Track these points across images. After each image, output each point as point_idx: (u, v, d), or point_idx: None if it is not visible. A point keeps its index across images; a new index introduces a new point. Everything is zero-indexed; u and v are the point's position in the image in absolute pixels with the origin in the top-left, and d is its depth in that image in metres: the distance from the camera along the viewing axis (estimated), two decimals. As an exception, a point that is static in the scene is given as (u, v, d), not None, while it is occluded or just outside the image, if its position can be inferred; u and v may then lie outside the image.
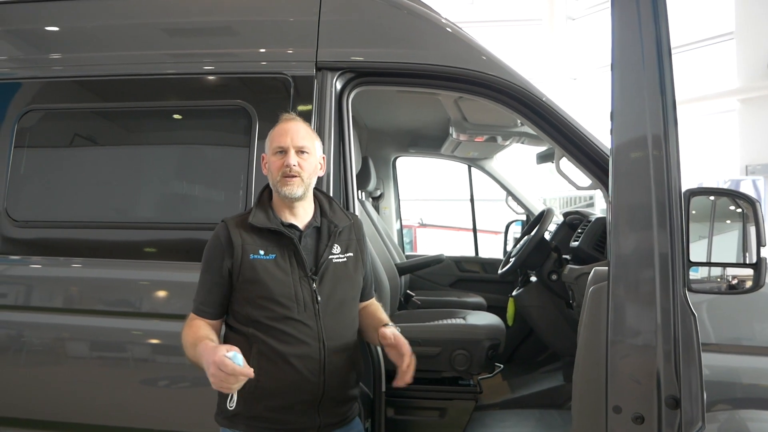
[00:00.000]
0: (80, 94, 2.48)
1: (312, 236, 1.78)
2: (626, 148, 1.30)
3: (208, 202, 2.41)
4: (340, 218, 1.83)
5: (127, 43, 2.47)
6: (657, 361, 1.11)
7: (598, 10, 11.16)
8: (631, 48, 1.33)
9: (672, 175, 1.19)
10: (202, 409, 1.85)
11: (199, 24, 2.49)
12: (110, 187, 2.42)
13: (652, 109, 1.26)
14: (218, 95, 2.38)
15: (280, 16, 2.46)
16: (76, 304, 2.37)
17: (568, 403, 2.91)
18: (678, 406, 1.09)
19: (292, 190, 1.71)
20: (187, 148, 2.47)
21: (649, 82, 1.28)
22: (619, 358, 1.16)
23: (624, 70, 1.33)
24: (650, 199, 1.19)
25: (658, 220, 1.15)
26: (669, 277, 1.11)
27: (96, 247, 2.35)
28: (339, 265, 1.77)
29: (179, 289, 2.26)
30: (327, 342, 1.70)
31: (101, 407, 2.26)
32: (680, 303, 1.11)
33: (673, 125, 1.24)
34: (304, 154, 1.75)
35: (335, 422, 1.77)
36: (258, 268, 1.68)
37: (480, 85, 2.32)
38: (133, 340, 2.28)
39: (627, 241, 1.20)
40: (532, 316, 3.12)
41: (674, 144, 1.23)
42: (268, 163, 1.79)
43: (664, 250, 1.13)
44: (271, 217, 1.74)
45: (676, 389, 1.09)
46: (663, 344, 1.11)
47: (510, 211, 4.43)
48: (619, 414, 1.14)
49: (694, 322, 1.12)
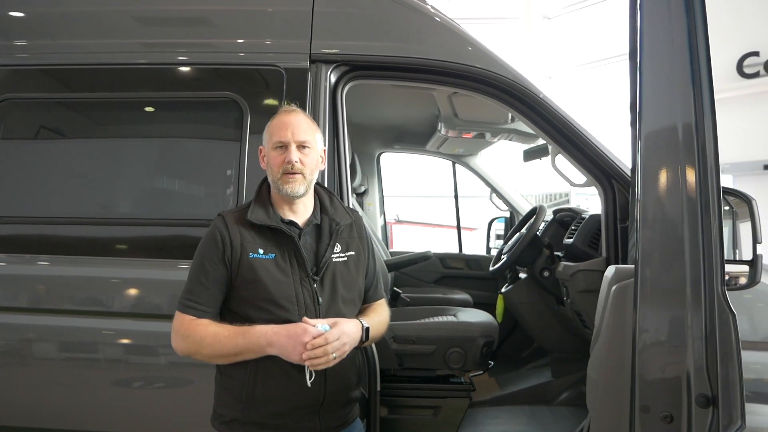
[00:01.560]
0: (61, 84, 2.37)
1: (312, 234, 1.71)
2: (656, 139, 1.26)
3: (196, 198, 2.34)
4: (342, 215, 1.76)
5: (115, 32, 2.37)
6: (687, 360, 1.10)
7: (574, 9, 11.30)
8: (658, 30, 1.28)
9: (709, 167, 1.16)
10: (192, 412, 1.79)
11: (190, 13, 2.41)
12: (91, 182, 2.32)
13: (683, 97, 1.22)
14: (208, 87, 2.31)
15: (272, 6, 2.39)
16: (53, 304, 2.25)
17: (557, 399, 2.94)
18: (709, 405, 1.09)
19: (294, 188, 1.64)
20: (174, 141, 2.39)
21: (680, 68, 1.24)
22: (648, 358, 1.15)
23: (652, 57, 1.28)
24: (683, 194, 1.17)
25: (692, 217, 1.14)
26: (701, 276, 1.10)
27: (73, 244, 2.25)
28: (340, 264, 1.70)
29: (165, 287, 2.18)
30: None
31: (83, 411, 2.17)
32: (718, 301, 1.10)
33: (709, 113, 1.20)
34: (306, 149, 1.68)
35: (336, 425, 1.71)
36: (257, 268, 1.61)
37: (476, 81, 2.31)
38: (116, 340, 2.20)
39: (657, 238, 1.18)
40: (522, 312, 3.12)
41: (710, 133, 1.20)
42: (267, 158, 1.71)
43: (700, 247, 1.12)
44: (270, 214, 1.67)
45: (707, 388, 1.09)
46: (693, 343, 1.10)
47: (487, 207, 4.45)
48: (647, 414, 1.13)
49: (733, 320, 1.11)
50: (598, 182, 2.28)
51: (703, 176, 1.16)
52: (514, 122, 3.31)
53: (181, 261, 2.16)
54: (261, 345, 1.55)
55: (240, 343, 1.56)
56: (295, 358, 1.52)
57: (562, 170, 2.39)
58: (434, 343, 2.56)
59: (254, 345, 1.55)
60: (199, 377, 2.09)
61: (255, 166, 2.19)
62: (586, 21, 10.99)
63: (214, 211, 2.22)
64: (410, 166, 8.23)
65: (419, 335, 2.58)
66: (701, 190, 1.15)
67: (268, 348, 1.54)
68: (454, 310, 3.02)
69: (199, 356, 1.63)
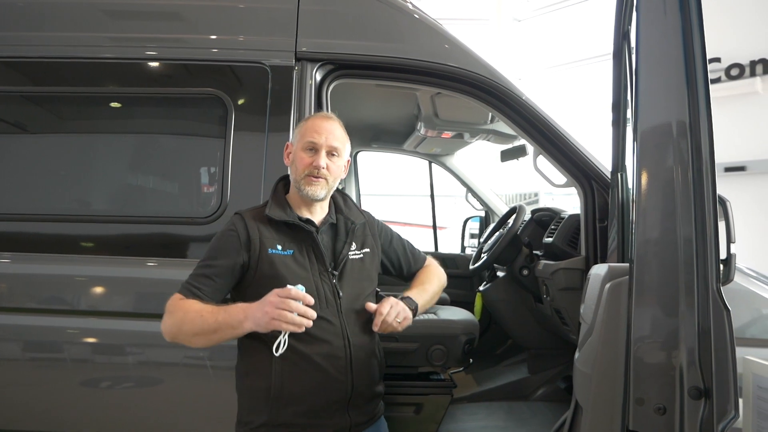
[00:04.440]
0: (41, 77, 2.30)
1: (328, 233, 1.74)
2: (651, 139, 1.29)
3: (179, 195, 2.30)
4: (356, 215, 1.80)
5: (94, 25, 2.32)
6: (680, 355, 1.15)
7: (545, 12, 11.49)
8: (654, 30, 1.32)
9: (704, 165, 1.21)
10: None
11: (175, 8, 2.37)
12: (69, 179, 2.27)
13: (678, 96, 1.26)
14: (192, 83, 2.27)
15: (258, 4, 2.38)
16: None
17: (534, 395, 3.01)
18: (701, 397, 1.14)
19: (315, 192, 1.67)
20: (158, 138, 2.35)
21: (676, 68, 1.27)
22: (642, 353, 1.19)
23: (648, 56, 1.31)
24: (678, 192, 1.22)
25: (686, 216, 1.18)
26: (695, 273, 1.15)
27: (58, 241, 2.19)
28: (356, 261, 1.74)
29: (155, 286, 2.15)
30: (351, 338, 1.65)
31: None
32: (713, 298, 1.15)
33: (705, 113, 1.24)
34: (335, 156, 1.72)
35: (365, 420, 1.72)
36: (277, 263, 1.62)
37: (460, 82, 2.34)
38: (85, 339, 2.15)
39: (651, 237, 1.23)
40: (500, 310, 3.17)
41: (706, 133, 1.24)
42: (293, 155, 1.73)
43: (694, 246, 1.16)
44: (288, 212, 1.69)
45: (700, 380, 1.14)
46: (686, 338, 1.15)
47: (459, 206, 4.48)
48: (641, 406, 1.18)
49: (728, 316, 1.16)
50: (578, 183, 2.33)
51: (697, 175, 1.21)
52: (493, 123, 3.35)
53: (164, 259, 2.14)
54: (239, 319, 1.50)
55: (220, 318, 1.51)
56: (264, 321, 1.45)
57: (543, 171, 2.44)
58: (417, 341, 2.58)
59: (233, 319, 1.50)
60: (168, 377, 2.07)
61: (239, 163, 2.18)
62: (557, 23, 11.20)
63: (198, 209, 2.23)
64: (386, 165, 8.25)
65: (402, 333, 2.59)
66: (696, 189, 1.20)
67: (245, 322, 1.49)
68: (435, 308, 3.05)
69: (181, 336, 1.57)
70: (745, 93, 7.63)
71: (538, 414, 2.78)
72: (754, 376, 1.49)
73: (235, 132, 2.20)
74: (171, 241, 2.18)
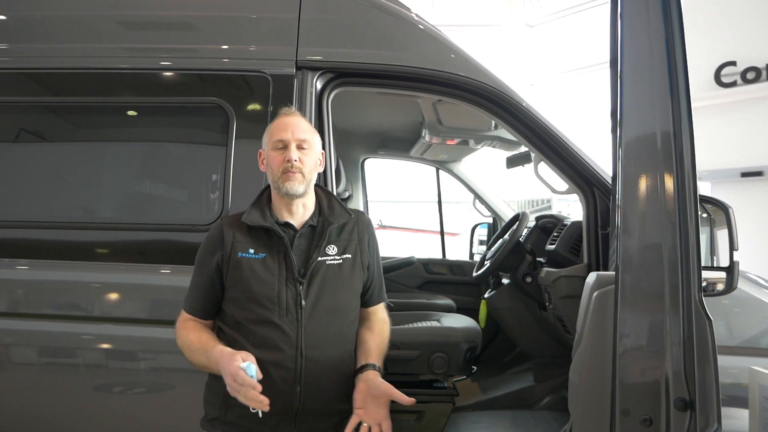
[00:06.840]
0: (41, 87, 2.35)
1: (307, 236, 1.71)
2: (635, 147, 1.29)
3: (182, 203, 2.33)
4: (338, 215, 1.74)
5: (101, 36, 2.36)
6: (666, 365, 1.13)
7: (557, 17, 11.44)
8: (638, 41, 1.32)
9: (686, 174, 1.20)
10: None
11: (176, 18, 2.41)
12: (73, 187, 2.31)
13: (662, 106, 1.26)
14: (194, 92, 2.30)
15: (259, 13, 2.40)
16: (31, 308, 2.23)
17: (539, 404, 2.97)
18: (687, 408, 1.12)
19: (293, 186, 1.66)
20: (161, 146, 2.38)
21: (659, 77, 1.27)
22: (628, 362, 1.18)
23: (632, 66, 1.32)
24: (662, 201, 1.21)
25: (670, 224, 1.17)
26: (679, 282, 1.13)
27: (59, 248, 2.23)
28: (332, 267, 1.68)
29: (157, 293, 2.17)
30: (306, 350, 1.61)
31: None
32: (695, 307, 1.13)
33: (687, 121, 1.24)
34: (305, 149, 1.70)
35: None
36: (243, 267, 1.63)
37: (460, 89, 2.34)
38: (98, 345, 2.18)
39: (636, 244, 1.22)
40: (505, 317, 3.15)
41: (687, 141, 1.23)
42: (267, 159, 1.73)
43: (678, 254, 1.15)
44: (266, 216, 1.68)
45: (685, 391, 1.12)
46: (672, 348, 1.13)
47: (469, 213, 4.47)
48: (627, 417, 1.16)
49: (710, 326, 1.15)
50: (579, 190, 2.32)
51: (680, 183, 1.20)
52: (497, 129, 3.35)
53: (166, 266, 2.16)
54: (216, 368, 1.56)
55: (199, 359, 1.63)
56: (228, 384, 1.51)
57: (545, 178, 2.43)
58: (418, 348, 2.57)
59: (212, 365, 1.58)
60: (179, 383, 2.09)
61: (241, 171, 2.20)
62: (569, 29, 11.13)
63: (200, 216, 2.25)
64: (394, 171, 8.26)
65: (403, 340, 2.60)
66: (679, 197, 1.19)
67: (223, 375, 1.52)
68: (438, 316, 3.04)
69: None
70: (761, 97, 7.50)
71: (543, 423, 2.74)
72: (761, 387, 1.46)
73: (237, 140, 2.22)
74: (173, 248, 2.20)
